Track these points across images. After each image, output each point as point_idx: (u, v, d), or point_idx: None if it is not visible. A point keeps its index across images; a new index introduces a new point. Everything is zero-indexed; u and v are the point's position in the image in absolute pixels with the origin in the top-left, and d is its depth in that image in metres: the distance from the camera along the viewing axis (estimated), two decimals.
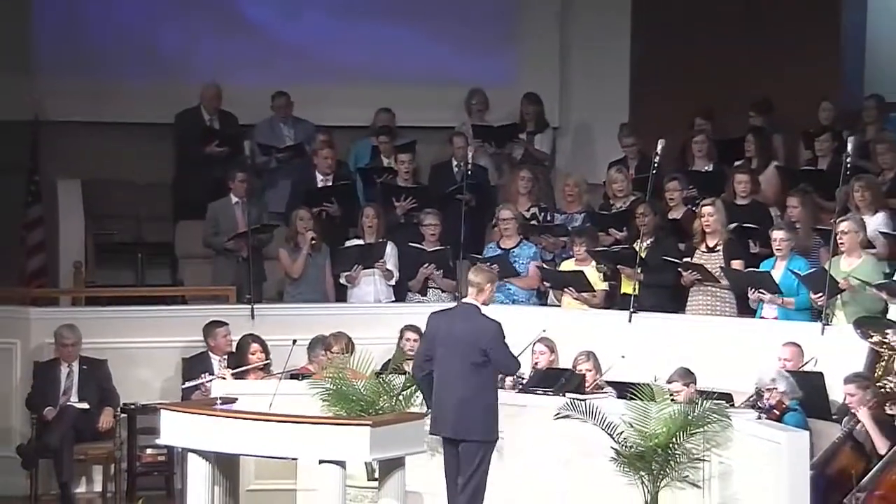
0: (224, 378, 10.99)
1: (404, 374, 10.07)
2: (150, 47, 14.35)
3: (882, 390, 9.61)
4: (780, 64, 13.91)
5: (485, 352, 9.18)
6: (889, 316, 10.38)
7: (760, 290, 11.04)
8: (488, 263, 11.89)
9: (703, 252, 11.57)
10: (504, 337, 9.33)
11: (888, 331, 9.96)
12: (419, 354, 9.55)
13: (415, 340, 11.17)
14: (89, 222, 13.73)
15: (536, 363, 10.86)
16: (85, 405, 11.41)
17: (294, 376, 10.56)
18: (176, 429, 9.08)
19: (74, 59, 14.28)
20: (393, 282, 12.37)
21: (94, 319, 11.92)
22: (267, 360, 11.24)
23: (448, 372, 9.23)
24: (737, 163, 12.78)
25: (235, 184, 12.79)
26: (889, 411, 9.23)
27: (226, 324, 11.60)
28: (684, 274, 11.52)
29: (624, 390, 9.93)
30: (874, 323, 10.14)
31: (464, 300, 9.52)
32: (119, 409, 11.53)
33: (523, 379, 10.63)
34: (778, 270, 11.10)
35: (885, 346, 9.90)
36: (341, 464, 8.62)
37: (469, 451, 9.17)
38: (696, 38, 14.19)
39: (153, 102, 14.02)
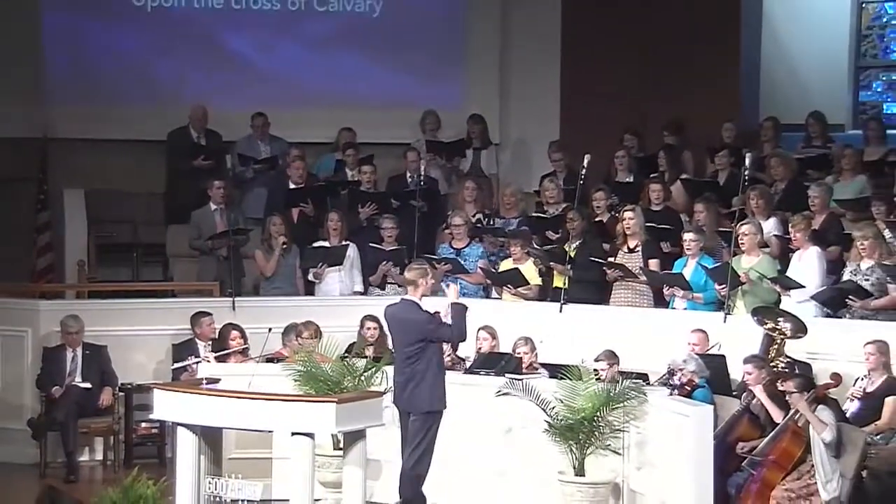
0: (209, 361, 10.95)
1: (365, 357, 10.07)
2: (146, 75, 14.33)
3: (775, 369, 9.68)
4: (689, 91, 13.97)
5: (424, 339, 9.18)
6: (782, 306, 10.46)
7: (675, 288, 11.09)
8: (441, 262, 11.94)
9: (625, 252, 11.62)
10: (435, 319, 9.28)
11: (780, 319, 10.04)
12: None
13: (374, 328, 11.18)
14: (91, 226, 13.74)
15: (480, 348, 10.85)
16: (87, 385, 11.36)
17: (269, 359, 10.53)
18: (167, 405, 9.02)
19: (79, 85, 14.26)
20: (361, 287, 12.34)
21: (96, 311, 11.86)
22: (246, 345, 11.19)
23: (398, 356, 9.32)
24: (652, 175, 12.83)
25: (213, 190, 12.77)
26: (780, 387, 9.28)
27: (210, 314, 11.56)
28: (608, 271, 11.55)
29: (555, 371, 9.93)
30: (769, 312, 10.21)
31: (404, 297, 9.50)
32: (117, 389, 11.50)
33: (467, 361, 10.65)
34: (689, 268, 11.16)
35: (777, 332, 9.97)
36: (311, 435, 8.59)
37: (416, 422, 9.19)
38: (617, 67, 14.25)
39: (148, 122, 14.00)
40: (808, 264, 10.61)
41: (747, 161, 11.22)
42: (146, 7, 14.48)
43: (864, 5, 15.26)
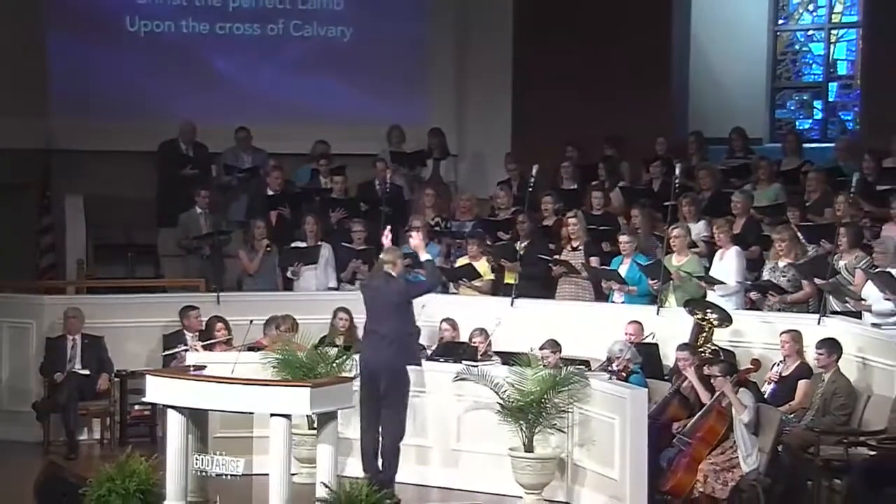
0: (196, 350, 10.86)
1: (337, 346, 10.01)
2: (140, 93, 14.22)
3: (703, 355, 9.69)
4: (627, 108, 14.00)
5: (405, 300, 9.26)
6: (708, 299, 10.47)
7: (611, 281, 11.09)
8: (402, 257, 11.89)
9: (569, 251, 11.60)
10: (410, 282, 9.43)
11: (708, 310, 10.06)
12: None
13: (345, 320, 11.12)
14: (89, 229, 13.63)
15: (441, 338, 10.84)
16: (86, 371, 11.24)
17: (251, 348, 10.42)
18: (158, 390, 8.92)
19: (79, 101, 14.16)
20: (335, 283, 12.25)
21: (94, 305, 11.72)
22: (230, 335, 11.09)
23: (374, 318, 9.33)
24: (594, 183, 12.84)
25: (199, 197, 12.73)
26: (707, 371, 9.29)
27: (197, 307, 11.44)
28: (554, 268, 11.53)
29: (507, 358, 9.92)
30: (699, 304, 10.24)
31: (383, 270, 9.52)
32: (113, 375, 11.35)
33: (429, 350, 10.62)
34: (625, 266, 11.15)
35: (706, 322, 10.00)
36: (288, 416, 8.51)
37: (389, 390, 9.14)
38: (562, 87, 14.26)
39: (141, 135, 13.87)
40: (728, 262, 10.64)
41: (677, 171, 11.26)
42: (139, 32, 14.45)
43: (778, 34, 15.40)
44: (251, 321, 10.09)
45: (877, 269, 9.75)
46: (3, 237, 13.39)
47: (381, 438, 9.24)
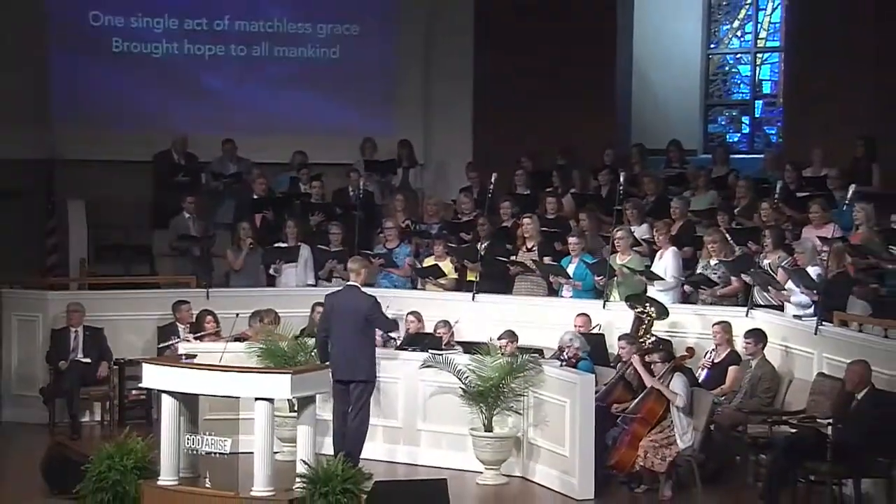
0: (187, 340, 10.83)
1: (315, 337, 9.99)
2: (136, 107, 14.14)
3: (643, 345, 9.75)
4: (577, 122, 14.05)
5: (367, 319, 9.15)
6: (648, 294, 10.54)
7: (559, 276, 11.13)
8: (376, 257, 11.89)
9: (524, 252, 11.61)
10: (379, 307, 9.32)
11: (647, 304, 10.12)
12: (320, 324, 9.52)
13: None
14: (90, 230, 13.54)
15: (408, 329, 10.83)
16: (88, 360, 11.21)
17: (237, 339, 10.41)
18: (153, 376, 8.86)
19: (81, 115, 14.06)
20: (313, 280, 12.22)
21: (94, 299, 11.67)
22: (218, 327, 11.07)
23: (340, 333, 9.21)
24: (548, 189, 12.89)
25: (186, 203, 12.71)
26: (648, 359, 9.35)
27: (188, 302, 11.42)
28: (511, 267, 11.57)
29: (469, 348, 9.95)
30: (638, 298, 10.29)
31: (348, 283, 9.48)
32: (112, 363, 11.33)
33: (398, 339, 10.62)
34: (573, 264, 11.19)
35: (645, 315, 10.06)
36: (270, 400, 8.49)
37: (358, 388, 9.15)
38: (518, 102, 14.31)
39: (138, 145, 13.82)
40: (666, 261, 10.71)
41: (622, 179, 11.33)
42: (136, 52, 14.33)
43: (710, 57, 15.54)
44: (237, 314, 10.06)
45: (794, 267, 9.86)
46: (12, 239, 13.27)
47: (348, 423, 9.24)
